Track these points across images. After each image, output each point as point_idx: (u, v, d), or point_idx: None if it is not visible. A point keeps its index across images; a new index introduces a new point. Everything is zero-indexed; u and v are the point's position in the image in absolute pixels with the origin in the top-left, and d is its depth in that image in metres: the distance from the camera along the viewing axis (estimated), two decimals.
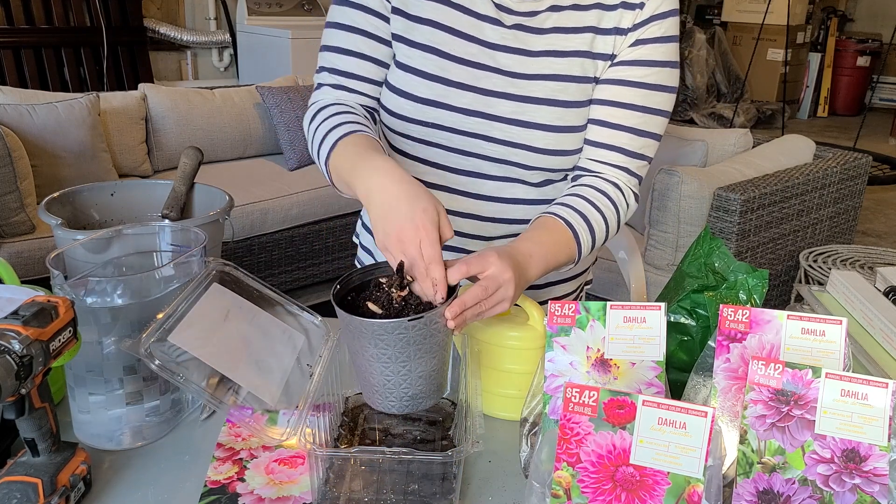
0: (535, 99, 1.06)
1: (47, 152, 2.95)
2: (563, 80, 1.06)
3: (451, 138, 1.10)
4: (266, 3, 4.89)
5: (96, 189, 1.40)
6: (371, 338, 0.82)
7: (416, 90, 1.08)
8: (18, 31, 4.13)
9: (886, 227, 4.94)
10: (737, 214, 2.71)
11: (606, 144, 1.08)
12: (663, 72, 1.07)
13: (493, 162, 1.11)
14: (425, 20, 1.07)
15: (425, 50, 1.07)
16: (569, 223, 1.03)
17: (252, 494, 0.88)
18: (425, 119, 1.09)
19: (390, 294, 0.86)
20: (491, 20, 1.06)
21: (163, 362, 0.85)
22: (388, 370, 0.84)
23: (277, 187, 3.32)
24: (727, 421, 0.83)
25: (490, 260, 0.89)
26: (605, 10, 1.06)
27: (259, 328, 1.01)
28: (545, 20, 1.06)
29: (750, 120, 7.42)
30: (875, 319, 1.12)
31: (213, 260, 1.03)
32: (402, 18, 1.08)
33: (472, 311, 0.87)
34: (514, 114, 1.07)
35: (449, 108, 1.08)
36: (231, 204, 1.37)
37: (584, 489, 0.72)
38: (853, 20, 8.71)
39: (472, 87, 1.07)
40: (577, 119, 1.08)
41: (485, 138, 1.09)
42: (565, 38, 1.06)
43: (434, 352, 0.85)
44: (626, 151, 1.09)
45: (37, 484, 0.79)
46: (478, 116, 1.08)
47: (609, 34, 1.06)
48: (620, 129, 1.08)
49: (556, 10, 1.06)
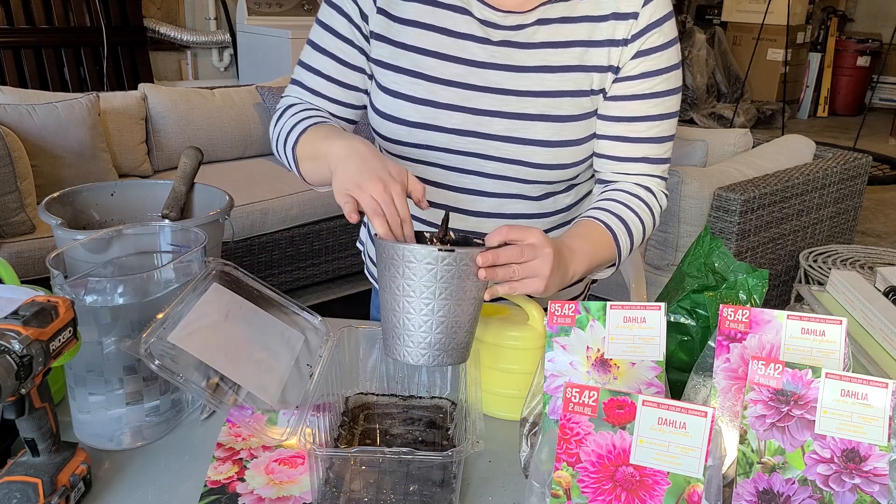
0: (528, 115, 1.06)
1: (47, 152, 2.95)
2: (557, 96, 1.06)
3: (446, 158, 1.10)
4: (266, 3, 4.89)
5: (96, 189, 1.40)
6: (401, 264, 0.83)
7: (406, 115, 1.08)
8: (18, 31, 4.12)
9: (886, 227, 4.94)
10: (737, 214, 2.71)
11: (630, 158, 1.10)
12: (671, 77, 1.08)
13: (492, 179, 1.11)
14: (410, 46, 1.07)
15: (412, 75, 1.07)
16: (608, 225, 1.04)
17: (252, 494, 0.88)
18: (417, 142, 1.09)
19: (433, 242, 0.90)
20: (477, 39, 1.06)
21: (163, 362, 0.85)
22: (412, 306, 0.84)
23: (277, 187, 3.31)
24: (727, 421, 0.83)
25: (533, 231, 0.91)
26: (596, 22, 1.04)
27: (259, 328, 1.01)
28: (534, 34, 1.05)
29: (750, 120, 7.42)
30: (875, 319, 1.12)
31: (213, 260, 1.03)
32: (385, 45, 1.08)
33: (503, 270, 0.88)
34: (508, 131, 1.07)
35: (440, 129, 1.08)
36: (231, 204, 1.37)
37: (584, 489, 0.72)
38: (853, 20, 8.71)
39: (462, 108, 1.07)
40: (574, 133, 1.08)
41: (480, 156, 1.09)
42: (556, 52, 1.05)
43: (459, 299, 0.85)
44: (650, 160, 1.10)
45: (37, 484, 0.79)
46: (471, 136, 1.07)
47: (602, 46, 1.05)
48: (641, 141, 1.08)
49: (544, 23, 1.05)
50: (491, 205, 1.14)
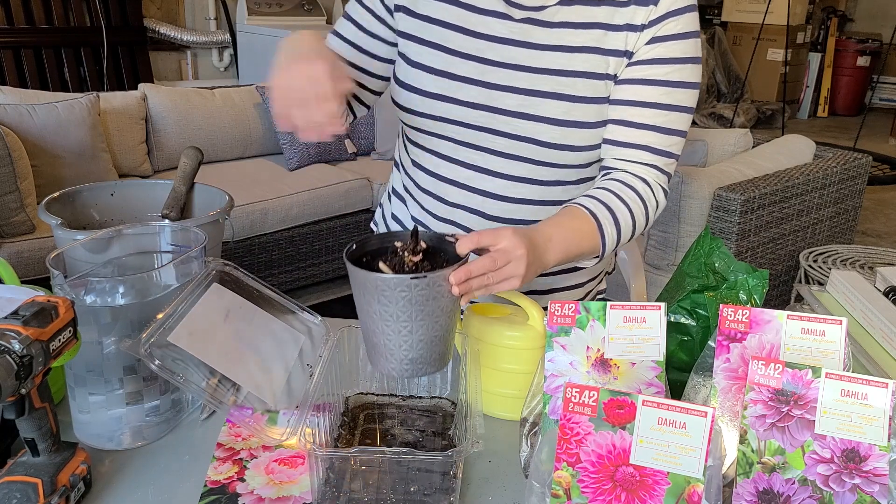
0: (540, 92, 1.07)
1: (47, 152, 2.95)
2: (571, 76, 1.06)
3: (459, 132, 1.12)
4: (266, 3, 4.88)
5: (96, 189, 1.40)
6: (375, 293, 0.83)
7: (423, 85, 1.11)
8: (18, 31, 4.12)
9: (886, 228, 4.94)
10: (737, 214, 2.71)
11: (632, 144, 1.08)
12: (685, 69, 1.07)
13: (502, 157, 1.12)
14: (435, 20, 1.10)
15: (434, 48, 1.10)
16: (594, 214, 1.02)
17: (252, 494, 0.88)
18: (433, 113, 1.11)
19: (403, 258, 0.88)
20: (499, 15, 1.08)
21: (163, 362, 0.85)
22: (390, 329, 0.85)
23: (277, 187, 3.31)
24: (727, 421, 0.83)
25: (503, 234, 0.90)
26: (616, 7, 1.05)
27: (259, 328, 1.01)
28: (555, 14, 1.06)
29: (750, 120, 7.42)
30: (875, 319, 1.12)
31: (213, 260, 1.03)
32: (411, 18, 1.11)
33: (477, 280, 0.87)
34: (519, 107, 1.08)
35: (455, 101, 1.09)
36: (231, 204, 1.37)
37: (584, 489, 0.72)
38: (853, 20, 8.70)
39: (477, 81, 1.08)
40: (585, 115, 1.08)
41: (492, 131, 1.10)
42: (574, 32, 1.06)
43: (436, 316, 0.85)
44: (653, 150, 1.08)
45: (37, 484, 0.79)
46: (483, 110, 1.09)
47: (621, 31, 1.06)
48: (645, 128, 1.07)
49: (565, 3, 1.06)
50: (498, 186, 1.14)
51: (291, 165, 3.62)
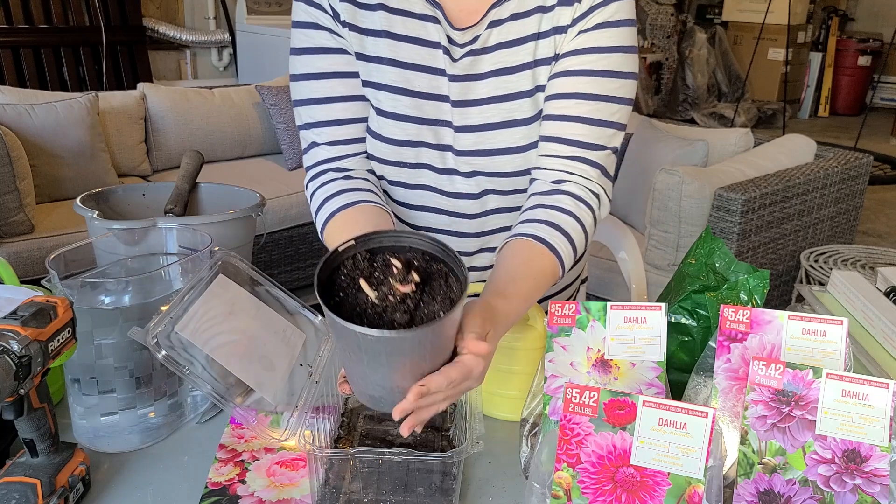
0: (490, 125, 1.03)
1: (46, 152, 2.95)
2: (515, 99, 1.02)
3: (420, 174, 1.08)
4: (265, 3, 4.88)
5: (129, 189, 1.55)
6: (353, 341, 0.72)
7: (390, 133, 1.05)
8: (17, 31, 4.12)
9: (887, 227, 4.94)
10: (738, 214, 2.71)
11: (556, 137, 1.01)
12: (612, 57, 0.99)
13: (472, 198, 1.09)
14: (384, 59, 1.03)
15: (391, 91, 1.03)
16: (549, 245, 0.95)
17: (252, 497, 0.88)
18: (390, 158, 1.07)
19: (391, 283, 0.74)
20: (444, 49, 1.02)
21: (168, 353, 0.84)
22: (362, 369, 0.76)
23: (277, 187, 3.31)
24: (728, 421, 0.83)
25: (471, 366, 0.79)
26: (544, 13, 1.00)
27: (263, 324, 1.01)
28: (488, 38, 1.01)
29: (751, 120, 7.42)
30: (876, 320, 1.12)
31: (219, 250, 1.02)
32: (363, 62, 1.04)
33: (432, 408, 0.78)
34: (475, 145, 1.04)
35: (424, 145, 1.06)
36: (263, 201, 1.48)
37: (585, 490, 0.72)
38: (854, 20, 8.70)
39: (439, 122, 1.04)
40: (536, 133, 1.04)
41: (453, 172, 1.07)
42: (510, 52, 1.01)
43: (397, 369, 0.74)
44: (580, 143, 1.00)
45: (35, 485, 0.79)
46: (448, 151, 1.05)
47: (549, 35, 1.00)
48: (569, 119, 1.00)
49: (496, 24, 1.00)
50: (468, 205, 1.10)
51: (291, 165, 3.62)
